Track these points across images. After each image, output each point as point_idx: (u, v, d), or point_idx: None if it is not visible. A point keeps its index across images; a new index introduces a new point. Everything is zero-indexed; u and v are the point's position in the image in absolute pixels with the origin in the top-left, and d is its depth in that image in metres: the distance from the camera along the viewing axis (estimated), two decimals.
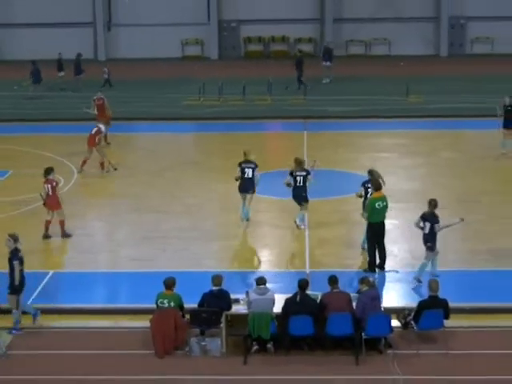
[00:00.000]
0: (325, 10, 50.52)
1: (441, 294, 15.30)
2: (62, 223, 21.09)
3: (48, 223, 21.09)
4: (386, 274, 18.44)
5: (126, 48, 50.85)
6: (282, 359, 14.88)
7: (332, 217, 21.76)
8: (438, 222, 17.77)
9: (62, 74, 42.78)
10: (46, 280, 18.41)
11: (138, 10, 51.59)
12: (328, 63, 42.82)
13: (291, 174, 21.38)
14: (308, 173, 21.27)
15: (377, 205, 18.36)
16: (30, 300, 17.30)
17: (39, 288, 17.94)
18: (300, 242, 20.46)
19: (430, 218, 17.83)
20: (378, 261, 18.60)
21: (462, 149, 29.48)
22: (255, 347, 15.18)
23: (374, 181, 20.63)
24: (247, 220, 22.04)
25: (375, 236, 18.50)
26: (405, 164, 27.28)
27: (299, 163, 21.42)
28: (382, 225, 18.57)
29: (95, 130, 27.04)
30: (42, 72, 40.57)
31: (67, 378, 14.29)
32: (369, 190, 21.05)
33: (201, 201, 24.20)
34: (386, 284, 18.01)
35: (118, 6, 51.62)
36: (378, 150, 29.35)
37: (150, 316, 15.33)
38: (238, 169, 22.01)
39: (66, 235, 21.06)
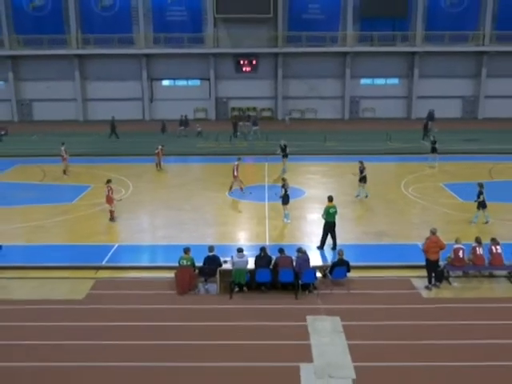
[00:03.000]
0: (278, 92, 50.65)
1: (345, 257, 15.38)
2: (112, 212, 21.16)
3: (112, 213, 21.21)
4: (317, 248, 18.15)
5: (161, 113, 50.54)
6: (252, 295, 14.88)
7: (280, 214, 21.64)
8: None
9: (182, 127, 41.98)
10: (113, 249, 18.22)
11: (169, 90, 51.46)
12: (255, 127, 41.14)
13: (283, 186, 20.99)
14: (289, 187, 21.03)
15: (330, 210, 18.13)
16: (104, 261, 17.16)
17: (109, 254, 17.74)
18: (263, 228, 20.35)
19: (483, 191, 20.15)
20: (331, 243, 18.17)
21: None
22: (236, 289, 15.12)
23: (362, 167, 23.14)
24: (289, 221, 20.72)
25: (328, 229, 18.14)
26: (323, 181, 27.24)
27: (285, 181, 21.21)
28: (333, 223, 18.15)
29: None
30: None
31: (129, 307, 14.22)
32: (363, 171, 22.54)
33: (204, 203, 23.98)
34: (314, 253, 17.91)
35: (157, 88, 51.40)
36: (308, 174, 29.31)
37: (175, 270, 15.26)
38: (282, 189, 20.85)
39: (112, 220, 21.06)
